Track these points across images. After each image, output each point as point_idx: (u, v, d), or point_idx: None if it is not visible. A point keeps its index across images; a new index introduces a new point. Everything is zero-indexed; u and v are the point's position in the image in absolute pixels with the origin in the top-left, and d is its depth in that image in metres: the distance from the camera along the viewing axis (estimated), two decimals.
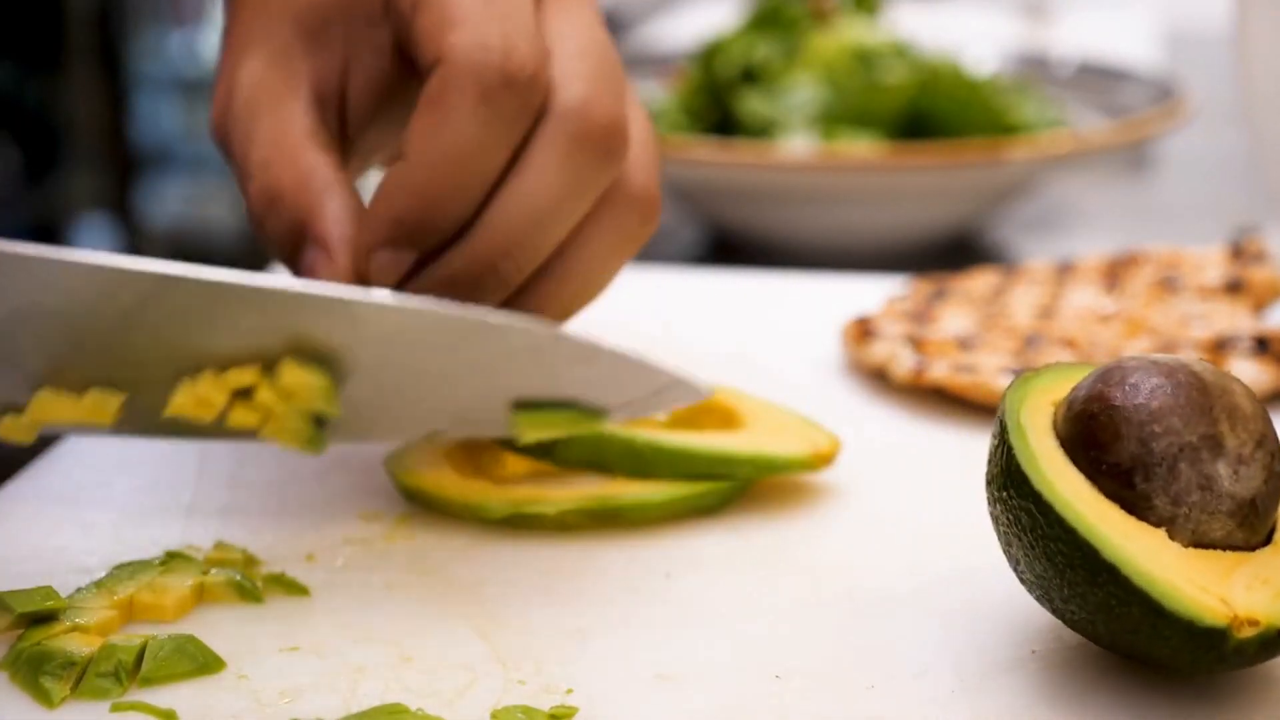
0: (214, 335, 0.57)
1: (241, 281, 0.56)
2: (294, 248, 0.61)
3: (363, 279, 0.61)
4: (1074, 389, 0.53)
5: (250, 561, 0.60)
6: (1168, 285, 0.81)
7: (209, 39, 3.23)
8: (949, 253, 1.05)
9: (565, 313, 0.64)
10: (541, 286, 0.63)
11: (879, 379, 0.77)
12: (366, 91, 0.65)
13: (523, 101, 0.59)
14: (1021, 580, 0.53)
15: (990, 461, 0.54)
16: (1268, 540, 0.52)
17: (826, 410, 0.70)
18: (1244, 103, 1.06)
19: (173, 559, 0.59)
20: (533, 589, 0.59)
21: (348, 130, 0.65)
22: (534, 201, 0.60)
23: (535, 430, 0.59)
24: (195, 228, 2.91)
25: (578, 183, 0.61)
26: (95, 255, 0.56)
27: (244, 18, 0.65)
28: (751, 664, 0.54)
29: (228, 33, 0.65)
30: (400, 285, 0.61)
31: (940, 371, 0.74)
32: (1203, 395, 0.52)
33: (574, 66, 0.62)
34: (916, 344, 0.76)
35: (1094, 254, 0.88)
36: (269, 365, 0.57)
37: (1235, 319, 0.77)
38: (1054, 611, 0.53)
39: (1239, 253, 0.84)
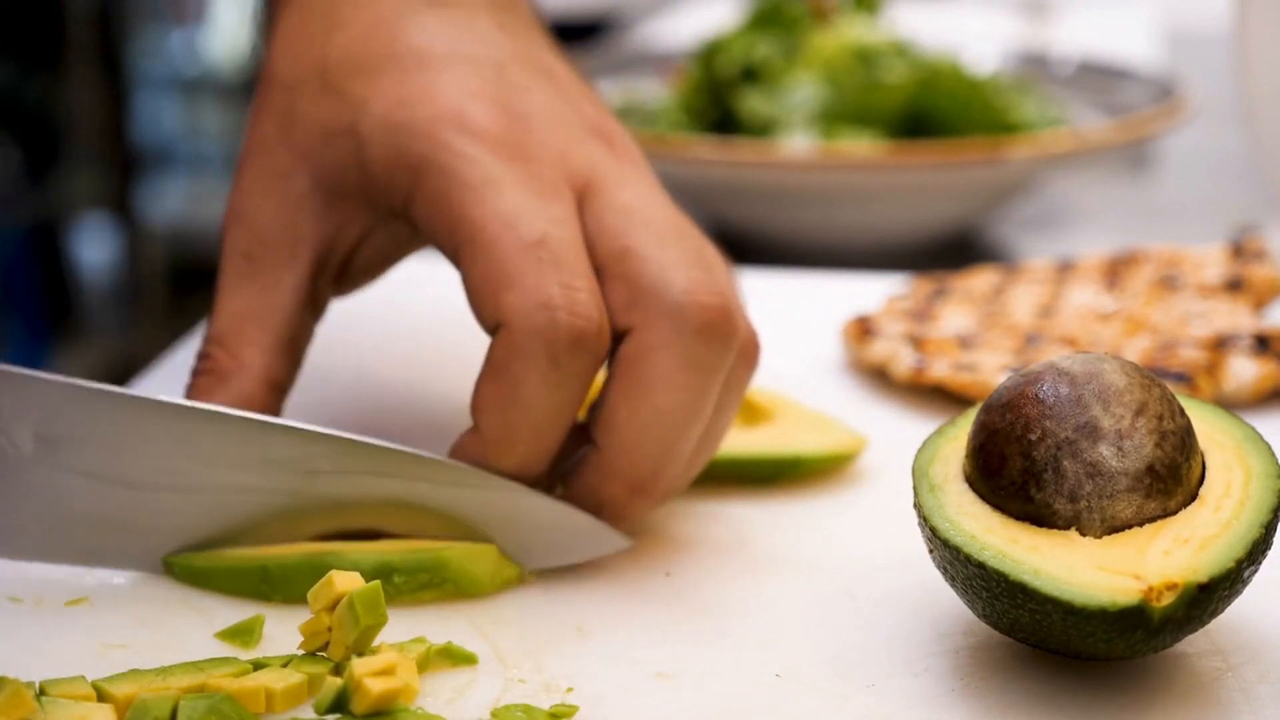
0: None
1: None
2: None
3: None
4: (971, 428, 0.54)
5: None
6: (1168, 284, 0.81)
7: (209, 38, 3.23)
8: (949, 252, 1.05)
9: (690, 479, 0.60)
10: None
11: (879, 378, 0.77)
12: (375, 258, 0.64)
13: (592, 356, 0.56)
14: (981, 619, 0.53)
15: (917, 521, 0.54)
16: (1195, 498, 0.52)
17: (827, 409, 0.70)
18: (1244, 103, 1.06)
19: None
20: (533, 588, 0.59)
21: (346, 275, 0.64)
22: (673, 419, 0.57)
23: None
24: (195, 227, 2.91)
25: (706, 380, 0.57)
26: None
27: (264, 133, 0.62)
28: (751, 664, 0.54)
29: (249, 136, 0.63)
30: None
31: (940, 370, 0.74)
32: (1071, 388, 0.52)
33: (662, 256, 0.57)
34: (917, 343, 0.76)
35: (1094, 253, 0.88)
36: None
37: (1235, 317, 0.77)
38: (1013, 638, 0.53)
39: (1239, 251, 0.84)
